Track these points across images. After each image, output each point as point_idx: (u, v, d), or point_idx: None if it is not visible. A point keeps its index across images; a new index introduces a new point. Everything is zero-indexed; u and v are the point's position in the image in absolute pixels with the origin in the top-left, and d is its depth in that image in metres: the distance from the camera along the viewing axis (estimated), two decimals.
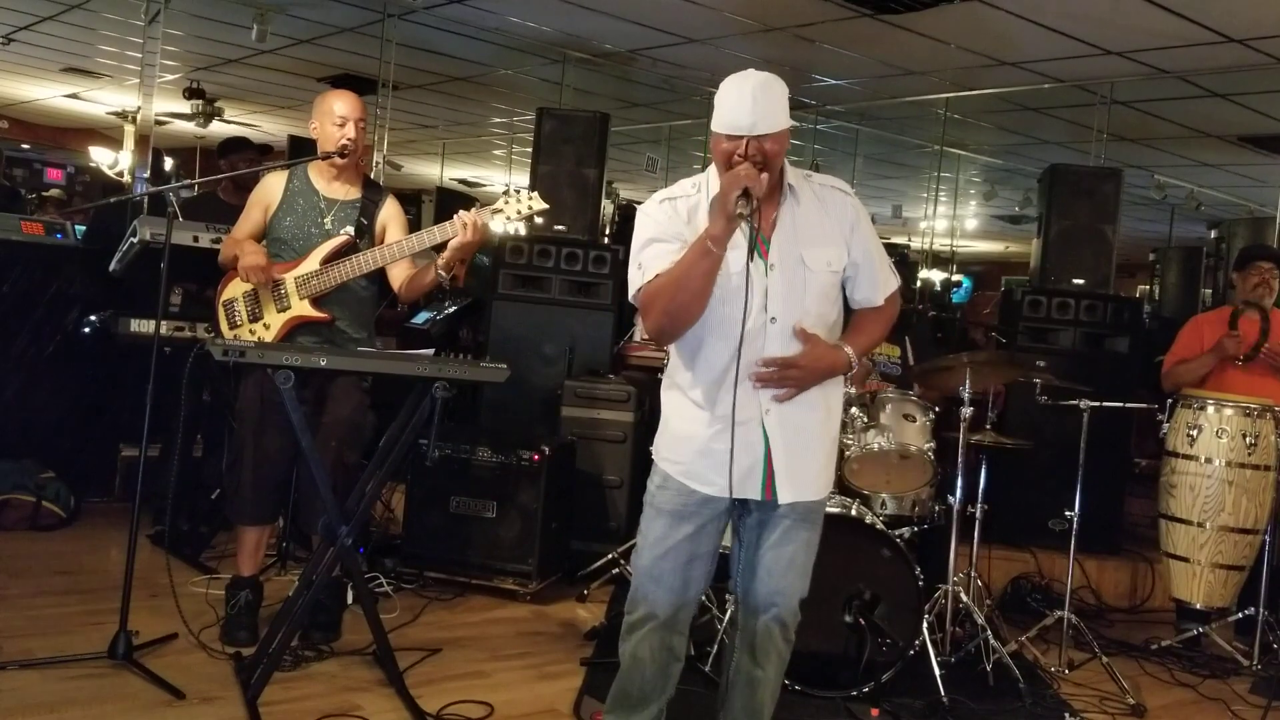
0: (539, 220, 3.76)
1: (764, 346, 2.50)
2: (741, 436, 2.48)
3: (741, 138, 2.44)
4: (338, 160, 3.65)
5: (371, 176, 7.28)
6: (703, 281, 2.41)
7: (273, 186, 3.73)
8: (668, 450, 2.64)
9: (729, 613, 2.80)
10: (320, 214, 3.69)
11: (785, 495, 2.54)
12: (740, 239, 2.45)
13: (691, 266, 2.40)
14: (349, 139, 3.63)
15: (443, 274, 3.58)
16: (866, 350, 2.77)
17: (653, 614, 2.57)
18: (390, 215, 3.78)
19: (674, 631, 2.62)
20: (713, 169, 2.58)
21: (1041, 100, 7.57)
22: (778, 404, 2.52)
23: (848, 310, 2.72)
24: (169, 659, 3.43)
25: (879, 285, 2.67)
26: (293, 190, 3.72)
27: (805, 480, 2.57)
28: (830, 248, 2.57)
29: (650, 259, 2.49)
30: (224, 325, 3.64)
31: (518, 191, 3.64)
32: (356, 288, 3.68)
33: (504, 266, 5.46)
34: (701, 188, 2.59)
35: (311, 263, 3.61)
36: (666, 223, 2.53)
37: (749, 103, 2.43)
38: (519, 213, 3.57)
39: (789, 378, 2.50)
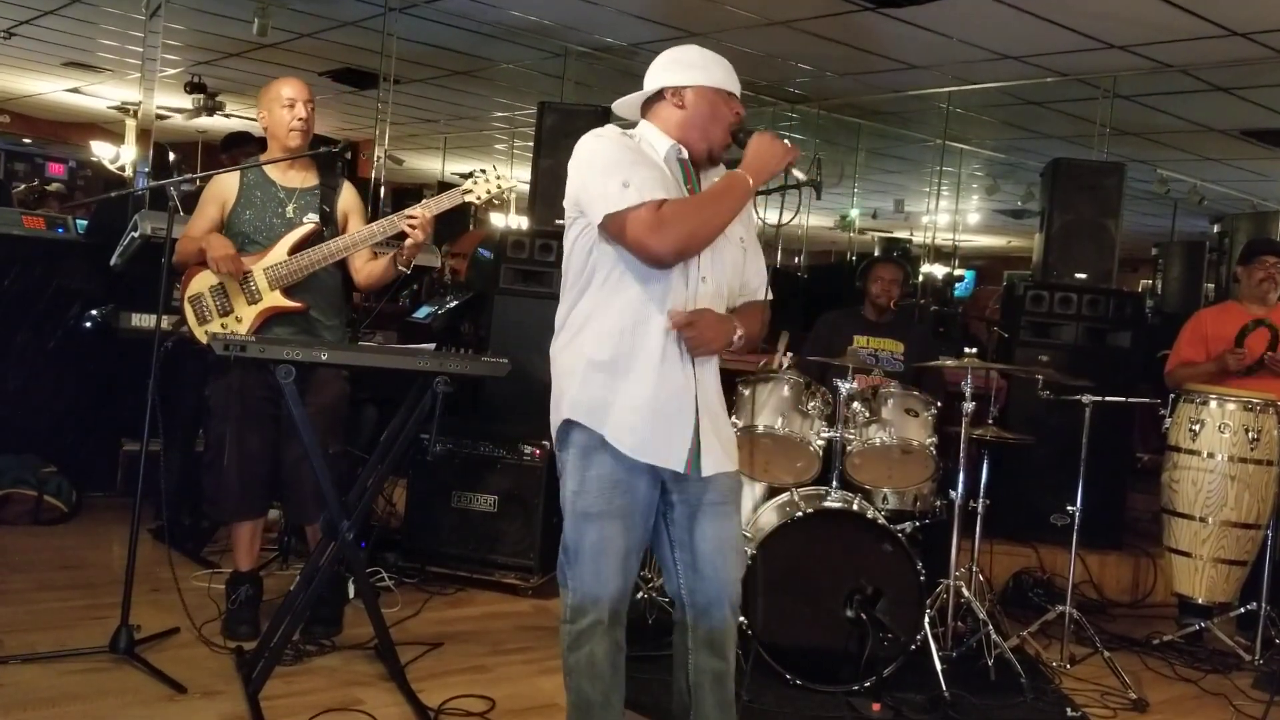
0: (499, 201, 3.76)
1: (695, 305, 2.50)
2: (679, 403, 2.50)
3: (736, 98, 2.59)
4: (289, 145, 3.62)
5: (373, 171, 7.33)
6: (736, 213, 2.49)
7: (227, 182, 3.67)
8: (594, 406, 2.51)
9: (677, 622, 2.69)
10: (280, 204, 3.65)
11: (709, 467, 2.53)
12: (686, 194, 2.53)
13: (735, 199, 2.47)
14: (300, 118, 3.61)
15: (404, 269, 3.61)
16: (751, 339, 2.67)
17: (601, 619, 2.51)
18: (350, 202, 3.77)
19: (619, 626, 2.57)
20: (647, 128, 2.58)
21: (1044, 94, 7.56)
22: (701, 379, 2.54)
23: None
24: (170, 653, 3.43)
25: (763, 279, 2.71)
26: (249, 184, 3.67)
27: (726, 452, 2.59)
28: (740, 226, 2.62)
29: (641, 182, 2.42)
30: (193, 322, 3.55)
31: (483, 171, 3.62)
32: (326, 275, 3.66)
33: (506, 261, 5.44)
34: (643, 138, 2.57)
35: (279, 252, 3.56)
36: (639, 152, 2.50)
37: (728, 68, 2.61)
38: (488, 191, 3.57)
39: (693, 334, 2.49)
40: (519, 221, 11.23)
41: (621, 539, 2.51)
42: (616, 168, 2.44)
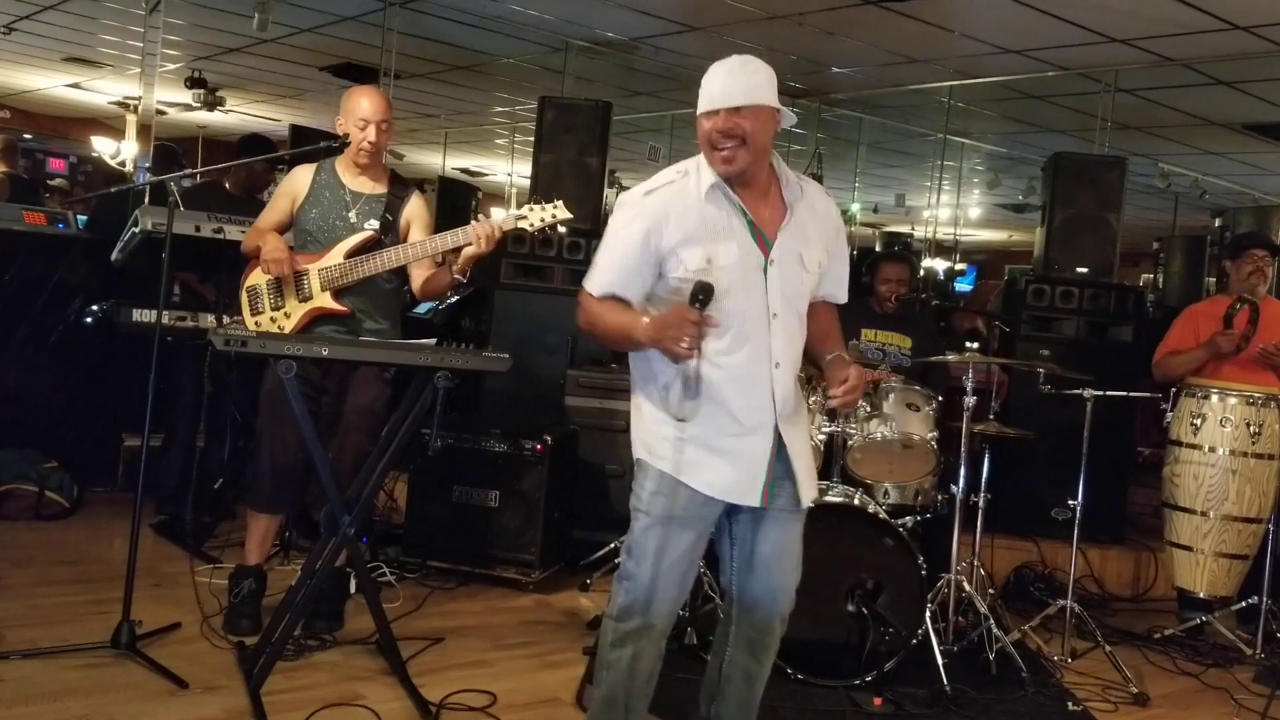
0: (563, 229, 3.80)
1: (770, 343, 2.50)
2: (760, 439, 2.51)
3: (716, 112, 2.43)
4: (358, 163, 3.71)
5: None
6: (624, 349, 2.59)
7: (301, 179, 3.78)
8: (669, 450, 2.52)
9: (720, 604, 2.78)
10: (345, 207, 3.73)
11: (807, 497, 2.59)
12: (740, 229, 2.47)
13: (621, 338, 2.53)
14: (370, 142, 3.67)
15: (459, 277, 3.64)
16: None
17: (652, 625, 2.51)
18: (415, 212, 3.81)
19: (665, 636, 2.58)
20: (702, 162, 2.54)
21: (1045, 88, 7.54)
22: (786, 411, 2.54)
23: None
24: (172, 648, 3.43)
25: (844, 283, 2.74)
26: (319, 183, 3.76)
27: (813, 480, 2.65)
28: (819, 249, 2.60)
29: (604, 265, 2.54)
30: (246, 312, 3.70)
31: (541, 204, 3.66)
32: (380, 281, 3.72)
33: (506, 256, 5.45)
34: (689, 173, 2.53)
35: (335, 256, 3.65)
36: (638, 218, 2.51)
37: (721, 76, 2.46)
38: (542, 220, 3.61)
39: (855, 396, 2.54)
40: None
41: (690, 549, 2.53)
42: (607, 245, 2.57)
